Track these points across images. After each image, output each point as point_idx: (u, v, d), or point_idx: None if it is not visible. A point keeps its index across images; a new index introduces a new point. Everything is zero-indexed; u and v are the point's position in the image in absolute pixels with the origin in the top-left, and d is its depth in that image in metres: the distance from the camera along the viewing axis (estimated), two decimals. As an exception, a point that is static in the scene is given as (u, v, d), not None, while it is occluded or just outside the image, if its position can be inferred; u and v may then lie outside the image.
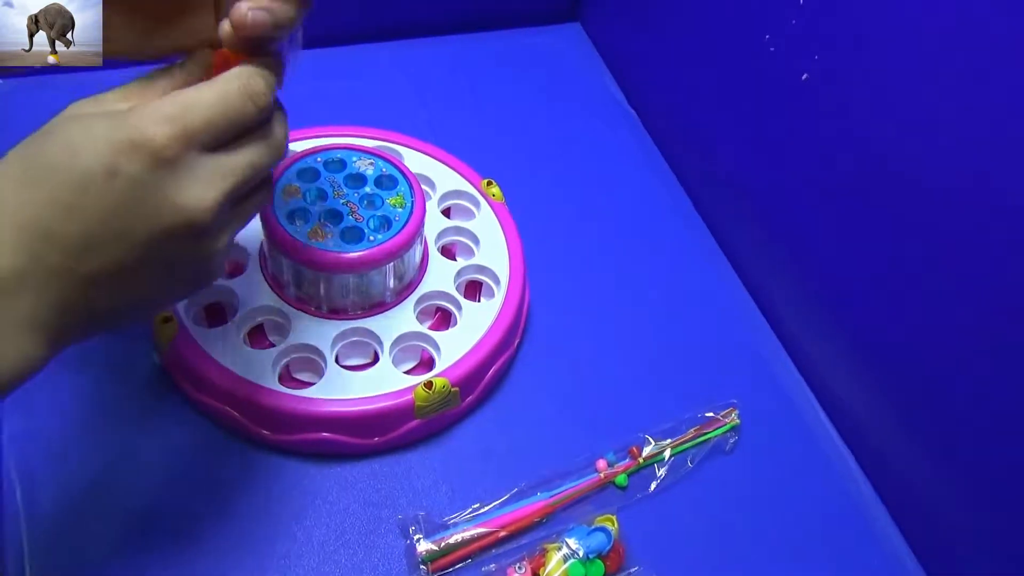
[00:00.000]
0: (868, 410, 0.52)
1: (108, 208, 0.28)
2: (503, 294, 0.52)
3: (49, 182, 0.27)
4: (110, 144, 0.28)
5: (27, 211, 0.27)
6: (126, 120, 0.28)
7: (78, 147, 0.28)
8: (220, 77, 0.31)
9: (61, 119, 0.30)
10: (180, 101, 0.30)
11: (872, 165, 0.48)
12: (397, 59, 0.70)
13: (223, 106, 0.30)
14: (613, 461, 0.49)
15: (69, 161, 0.28)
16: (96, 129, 0.28)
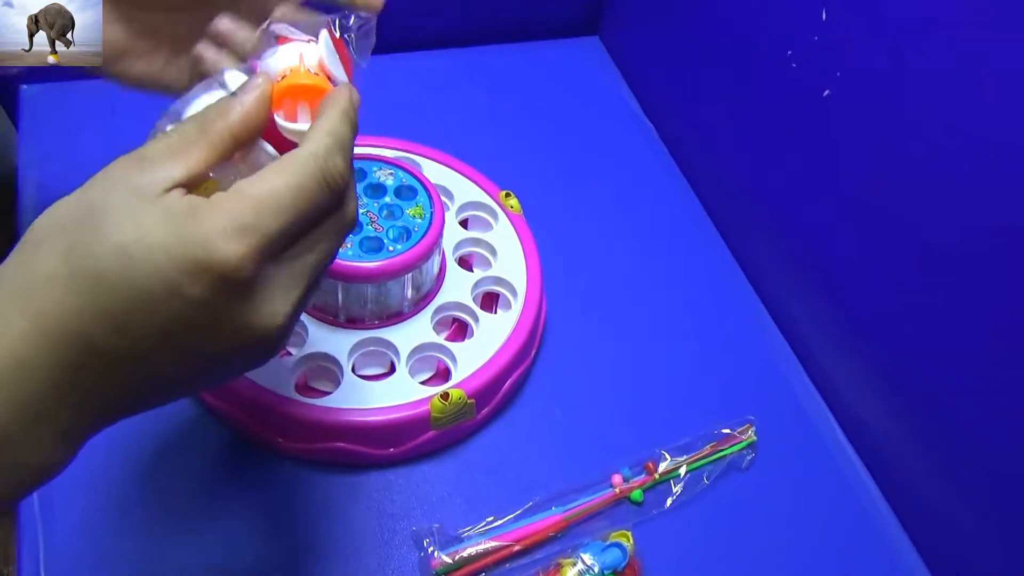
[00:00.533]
0: (887, 429, 0.52)
1: (165, 329, 0.24)
2: (520, 306, 0.51)
3: (99, 293, 0.24)
4: (172, 261, 0.24)
5: (72, 322, 0.24)
6: (190, 232, 0.24)
7: (134, 258, 0.24)
8: (291, 159, 0.27)
9: (111, 201, 0.25)
10: (252, 204, 0.25)
11: (894, 182, 0.48)
12: (417, 70, 0.71)
13: (301, 203, 0.26)
14: (629, 476, 0.49)
15: (123, 274, 0.24)
16: (154, 236, 0.24)
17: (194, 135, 0.27)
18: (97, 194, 0.25)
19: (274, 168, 0.26)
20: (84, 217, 0.25)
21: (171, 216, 0.25)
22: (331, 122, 0.28)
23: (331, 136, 0.28)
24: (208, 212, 0.25)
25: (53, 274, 0.24)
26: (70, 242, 0.25)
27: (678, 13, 0.67)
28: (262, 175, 0.26)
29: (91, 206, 0.25)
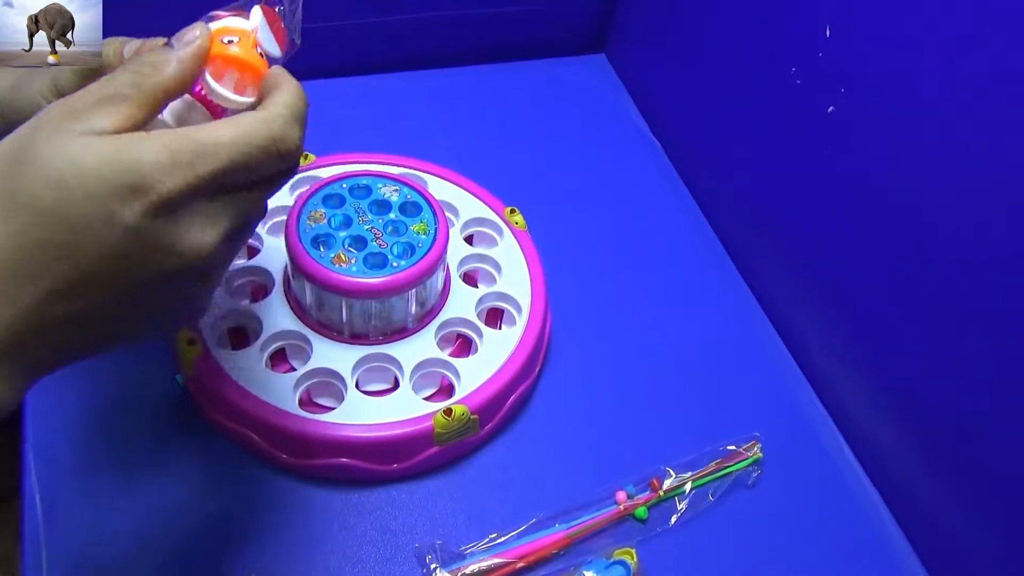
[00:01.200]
0: (895, 446, 0.51)
1: (99, 253, 0.25)
2: (524, 322, 0.52)
3: (36, 224, 0.25)
4: (106, 186, 0.25)
5: (11, 256, 0.24)
6: (125, 157, 0.25)
7: (69, 186, 0.24)
8: (247, 118, 0.28)
9: (40, 139, 0.25)
10: (193, 145, 0.26)
11: (901, 198, 0.48)
12: (424, 88, 0.71)
13: (244, 158, 0.27)
14: (633, 493, 0.48)
15: (58, 202, 0.24)
16: (87, 163, 0.25)
17: (127, 88, 0.27)
18: (27, 135, 0.26)
19: (228, 121, 0.27)
20: (17, 157, 0.25)
21: (106, 146, 0.25)
22: (289, 96, 0.29)
23: (288, 108, 0.29)
24: (145, 141, 0.25)
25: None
26: (4, 180, 0.25)
27: (684, 31, 0.67)
28: (213, 124, 0.27)
29: (22, 147, 0.25)
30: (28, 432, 0.46)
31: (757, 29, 0.57)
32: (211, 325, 0.48)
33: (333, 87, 0.69)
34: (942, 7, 0.43)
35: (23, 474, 0.45)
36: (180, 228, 0.26)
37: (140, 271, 0.26)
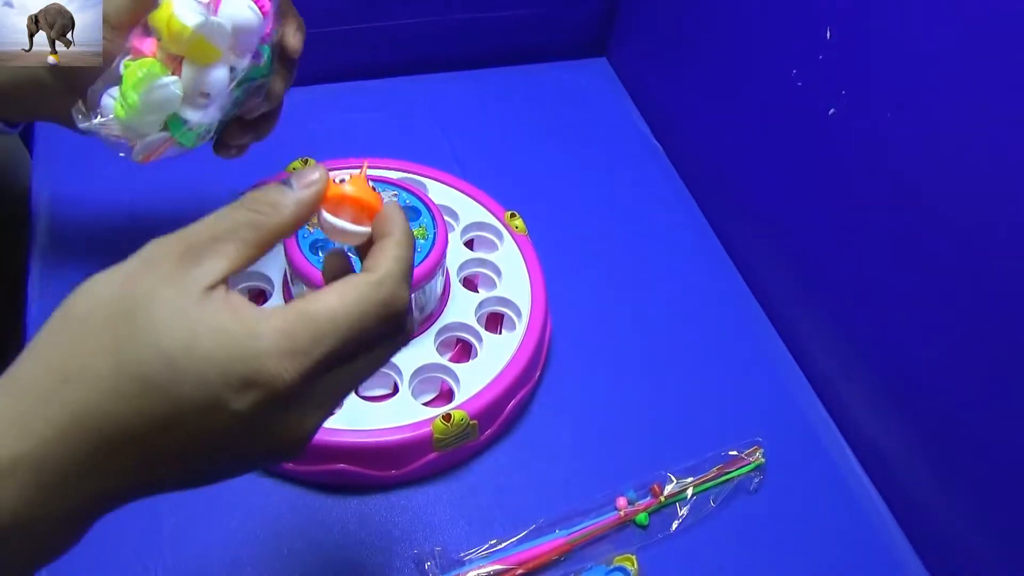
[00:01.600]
0: (898, 451, 0.51)
1: (202, 434, 0.25)
2: (524, 327, 0.51)
3: (141, 395, 0.24)
4: (222, 377, 0.24)
5: (111, 420, 0.24)
6: (243, 348, 0.24)
7: (183, 369, 0.24)
8: (359, 285, 0.26)
9: (154, 290, 0.25)
10: (309, 327, 0.25)
11: (901, 200, 0.47)
12: (426, 92, 0.71)
13: (358, 332, 0.26)
14: (634, 499, 0.48)
15: (170, 383, 0.24)
16: (204, 348, 0.24)
17: (246, 229, 0.26)
18: (142, 288, 0.25)
19: (337, 290, 0.26)
20: (129, 313, 0.25)
21: (222, 327, 0.24)
22: (399, 248, 0.28)
23: (398, 263, 0.27)
24: (263, 327, 0.24)
25: (98, 373, 0.24)
26: (116, 340, 0.24)
27: (685, 34, 0.67)
28: (324, 295, 0.26)
29: (136, 301, 0.25)
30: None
31: (758, 31, 0.57)
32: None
33: (334, 92, 0.69)
34: (944, 9, 0.42)
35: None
36: (287, 415, 0.26)
37: (243, 450, 0.26)
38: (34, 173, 0.59)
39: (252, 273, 0.51)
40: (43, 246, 0.55)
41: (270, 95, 0.40)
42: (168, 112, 0.37)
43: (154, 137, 0.37)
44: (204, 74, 0.36)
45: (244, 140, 0.42)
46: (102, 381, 0.24)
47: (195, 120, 0.37)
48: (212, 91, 0.37)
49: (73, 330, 0.25)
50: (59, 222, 0.57)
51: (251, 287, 0.52)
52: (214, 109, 0.37)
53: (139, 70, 0.35)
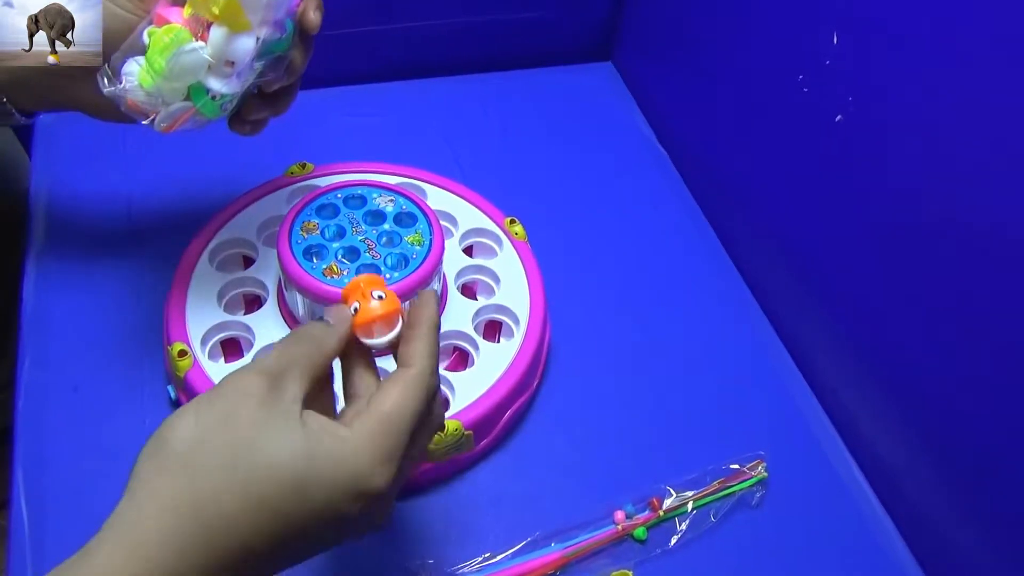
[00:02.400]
0: (905, 466, 0.50)
1: (322, 539, 0.30)
2: (522, 335, 0.50)
3: (275, 526, 0.28)
4: (342, 494, 0.29)
5: (245, 550, 0.28)
6: (352, 468, 0.29)
7: (310, 498, 0.28)
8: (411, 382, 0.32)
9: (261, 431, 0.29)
10: (387, 429, 0.30)
11: (908, 209, 0.46)
12: (428, 96, 0.71)
13: (417, 419, 0.32)
14: (632, 513, 0.47)
15: (299, 511, 0.28)
16: (325, 475, 0.29)
17: (304, 359, 0.32)
18: (246, 422, 0.29)
19: (396, 391, 0.32)
20: (242, 448, 0.28)
21: (331, 454, 0.29)
22: (430, 344, 0.34)
23: (432, 358, 0.33)
24: (361, 444, 0.30)
25: (228, 510, 0.27)
26: (241, 477, 0.28)
27: (691, 39, 0.66)
28: (386, 397, 0.31)
29: (248, 437, 0.28)
30: (17, 443, 0.46)
31: (764, 36, 0.56)
32: (203, 336, 0.47)
33: (335, 96, 0.69)
34: (952, 14, 0.41)
35: (11, 485, 0.44)
36: (385, 502, 0.31)
37: (339, 535, 0.31)
38: (33, 173, 0.59)
39: (246, 279, 0.51)
40: (40, 246, 0.55)
41: (290, 69, 0.40)
42: (193, 79, 0.37)
43: (177, 106, 0.37)
44: (231, 42, 0.36)
45: (262, 115, 0.43)
46: (236, 520, 0.27)
47: (218, 88, 0.37)
48: (237, 59, 0.37)
49: (185, 472, 0.28)
50: (56, 222, 0.56)
51: (247, 293, 0.51)
52: (237, 79, 0.38)
53: (166, 35, 0.35)
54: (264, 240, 0.53)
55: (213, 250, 0.51)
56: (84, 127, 0.61)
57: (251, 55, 0.37)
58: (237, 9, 0.36)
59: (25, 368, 0.49)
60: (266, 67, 0.39)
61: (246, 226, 0.53)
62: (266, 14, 0.37)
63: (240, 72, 0.37)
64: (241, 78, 0.38)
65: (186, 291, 0.49)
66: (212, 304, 0.49)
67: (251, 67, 0.38)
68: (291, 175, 0.56)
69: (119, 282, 0.53)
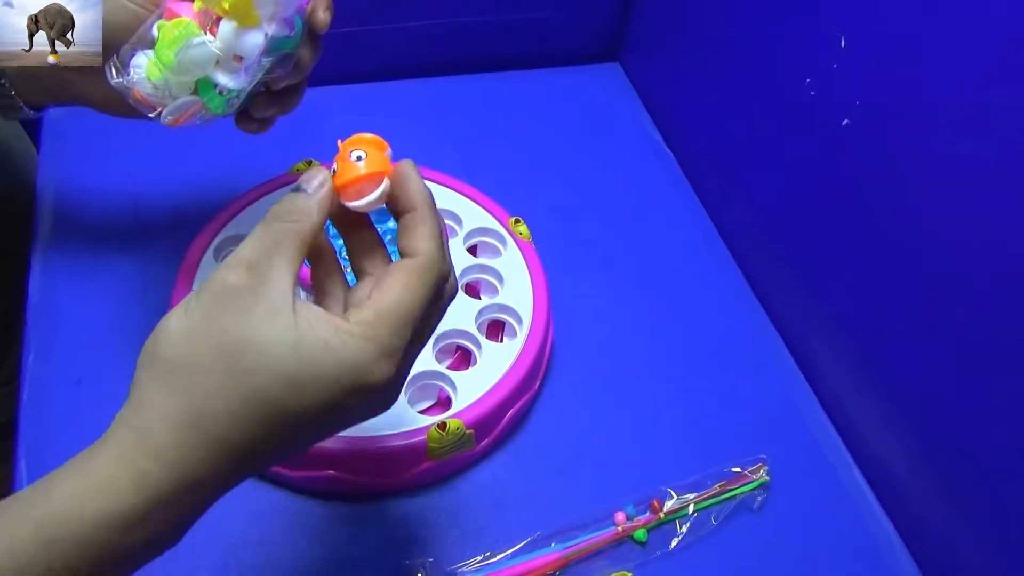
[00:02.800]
0: (908, 471, 0.49)
1: (324, 426, 0.30)
2: (525, 335, 0.50)
3: (274, 418, 0.28)
4: (340, 387, 0.28)
5: (250, 442, 0.28)
6: (348, 361, 0.29)
7: (301, 387, 0.28)
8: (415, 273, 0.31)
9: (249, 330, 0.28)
10: (389, 323, 0.29)
11: (916, 215, 0.46)
12: (434, 95, 0.71)
13: (424, 308, 0.31)
14: (632, 514, 0.47)
15: (295, 402, 0.28)
16: (318, 367, 0.28)
17: (288, 236, 0.30)
18: (232, 320, 0.28)
19: (398, 283, 0.30)
20: (236, 348, 0.28)
21: (324, 345, 0.28)
22: (430, 223, 0.32)
23: (435, 239, 0.31)
24: (358, 339, 0.29)
25: (228, 409, 0.27)
26: (234, 377, 0.28)
27: (699, 40, 0.66)
28: (388, 291, 0.30)
29: (236, 335, 0.28)
30: (20, 437, 0.46)
31: (772, 39, 0.56)
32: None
33: (341, 94, 0.69)
34: (962, 18, 0.41)
35: (13, 480, 0.44)
36: (388, 393, 0.31)
37: (344, 423, 0.31)
38: (40, 167, 0.59)
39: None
40: (46, 240, 0.55)
41: (299, 67, 0.40)
42: (201, 73, 0.37)
43: (184, 100, 0.37)
44: (240, 37, 0.37)
45: (269, 113, 0.43)
46: (236, 415, 0.27)
47: (226, 83, 0.37)
48: (246, 55, 0.37)
49: (178, 376, 0.28)
50: (63, 217, 0.56)
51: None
52: (244, 74, 0.38)
53: (175, 28, 0.35)
54: (269, 237, 0.53)
55: (218, 245, 0.51)
56: (92, 122, 0.61)
57: (260, 51, 0.37)
58: (247, 4, 0.36)
59: (29, 362, 0.49)
60: (274, 64, 0.39)
61: (251, 222, 0.52)
62: (275, 11, 0.37)
63: (248, 67, 0.37)
64: (249, 74, 0.38)
65: (191, 286, 0.49)
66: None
67: (259, 63, 0.38)
68: (296, 172, 0.56)
69: (124, 277, 0.53)
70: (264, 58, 0.38)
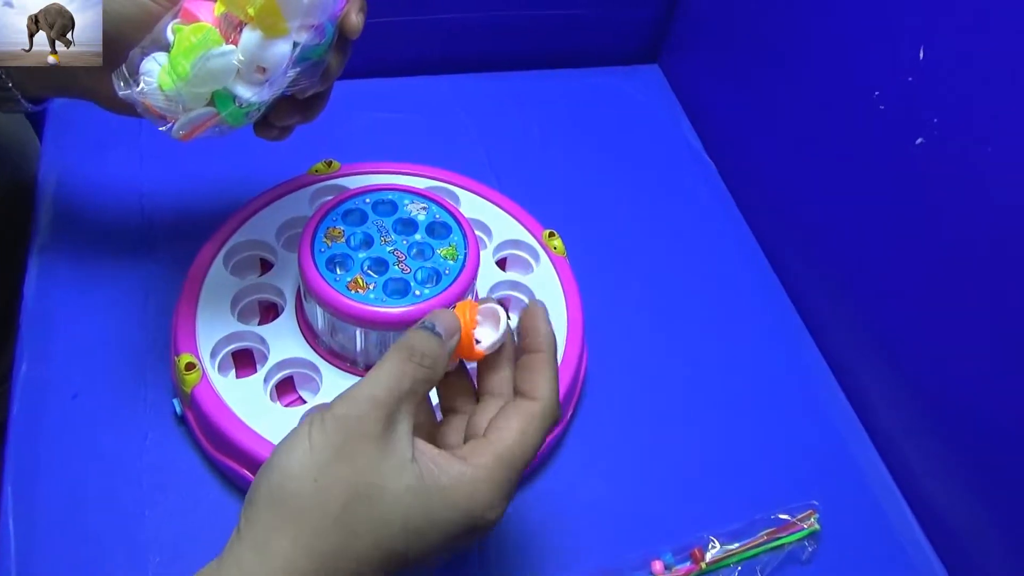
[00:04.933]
0: (967, 522, 0.46)
1: (426, 563, 0.30)
2: (558, 361, 0.46)
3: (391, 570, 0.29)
4: (458, 528, 0.29)
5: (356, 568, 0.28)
6: (466, 508, 0.29)
7: (429, 542, 0.29)
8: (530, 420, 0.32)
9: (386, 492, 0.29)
10: (507, 471, 0.30)
11: (991, 245, 0.42)
12: (464, 93, 0.67)
13: (535, 449, 0.32)
14: (671, 564, 0.43)
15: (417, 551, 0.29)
16: (438, 517, 0.29)
17: (420, 384, 0.31)
18: (363, 472, 0.29)
19: (515, 427, 0.31)
20: (366, 501, 0.28)
21: (445, 495, 0.29)
22: (553, 369, 0.33)
23: (554, 384, 0.33)
24: (478, 482, 0.30)
25: (359, 554, 0.28)
26: (367, 523, 0.28)
27: (748, 42, 0.61)
28: (508, 429, 0.31)
29: (365, 488, 0.29)
30: (9, 450, 0.43)
31: (835, 45, 0.51)
32: (212, 347, 0.44)
33: (365, 89, 0.65)
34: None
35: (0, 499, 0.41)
36: (492, 528, 0.31)
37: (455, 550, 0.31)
38: (42, 160, 0.56)
39: (263, 285, 0.47)
40: (44, 239, 0.51)
41: (326, 75, 0.37)
42: (219, 85, 0.33)
43: (199, 112, 0.34)
44: (265, 47, 0.33)
45: (291, 121, 0.39)
46: (361, 569, 0.28)
47: (247, 97, 0.34)
48: (270, 67, 0.33)
49: (306, 522, 0.28)
50: (63, 214, 0.53)
51: (262, 300, 0.48)
52: (269, 87, 0.34)
53: (193, 36, 0.32)
54: (284, 243, 0.49)
55: (229, 252, 0.48)
56: (99, 113, 0.58)
57: (286, 61, 0.33)
58: (275, 11, 0.32)
59: (22, 371, 0.45)
60: (300, 74, 0.35)
61: (265, 227, 0.49)
62: (306, 18, 0.33)
63: (272, 79, 0.34)
64: (273, 88, 0.34)
65: (197, 296, 0.45)
66: (224, 312, 0.45)
67: (285, 75, 0.34)
68: (316, 173, 0.52)
69: (127, 282, 0.50)
70: (291, 70, 0.34)
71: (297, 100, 0.38)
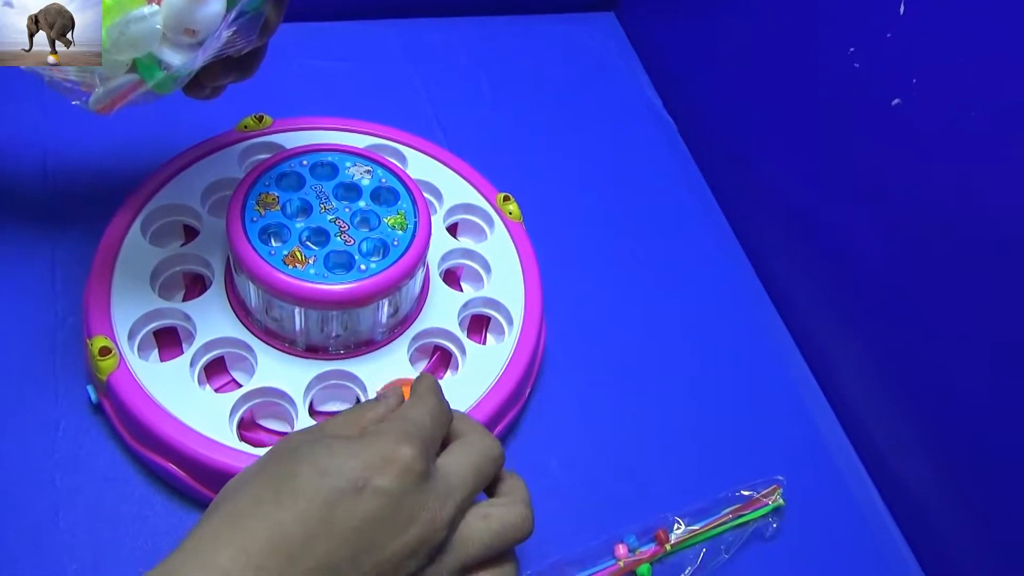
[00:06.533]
0: (932, 496, 0.45)
1: (356, 524, 0.28)
2: (515, 336, 0.43)
3: (298, 502, 0.28)
4: (360, 462, 0.29)
5: (275, 531, 0.27)
6: (371, 442, 0.30)
7: (327, 468, 0.28)
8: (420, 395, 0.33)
9: (299, 445, 0.30)
10: (411, 422, 0.31)
11: (969, 213, 0.40)
12: (410, 40, 0.62)
13: (440, 421, 0.33)
14: (635, 546, 0.42)
15: (319, 481, 0.28)
16: (340, 450, 0.29)
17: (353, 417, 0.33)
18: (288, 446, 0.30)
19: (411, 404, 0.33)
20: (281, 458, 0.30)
21: (350, 438, 0.30)
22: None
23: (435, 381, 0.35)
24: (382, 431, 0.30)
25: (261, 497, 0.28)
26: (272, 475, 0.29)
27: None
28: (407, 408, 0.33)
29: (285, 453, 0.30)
30: None
31: (807, -3, 0.49)
32: (131, 328, 0.39)
33: (300, 33, 0.59)
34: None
35: None
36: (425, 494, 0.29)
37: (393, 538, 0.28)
38: None
39: (187, 255, 0.42)
40: None
41: (264, 29, 0.33)
42: (142, 52, 0.30)
43: (119, 81, 0.31)
44: (195, 6, 0.29)
45: (225, 81, 0.35)
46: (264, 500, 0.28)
47: (177, 63, 0.30)
48: (202, 29, 0.30)
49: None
50: None
51: (187, 271, 0.43)
52: (202, 52, 0.30)
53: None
54: (210, 208, 0.45)
55: (147, 218, 0.43)
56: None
57: (219, 22, 0.29)
58: None
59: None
60: (236, 33, 0.31)
61: (188, 190, 0.44)
62: None
63: (205, 42, 0.30)
64: (207, 52, 0.30)
65: (112, 269, 0.41)
66: (144, 286, 0.41)
67: (220, 37, 0.30)
68: (245, 129, 0.47)
69: (30, 256, 0.44)
70: (226, 31, 0.30)
71: (232, 58, 0.33)
